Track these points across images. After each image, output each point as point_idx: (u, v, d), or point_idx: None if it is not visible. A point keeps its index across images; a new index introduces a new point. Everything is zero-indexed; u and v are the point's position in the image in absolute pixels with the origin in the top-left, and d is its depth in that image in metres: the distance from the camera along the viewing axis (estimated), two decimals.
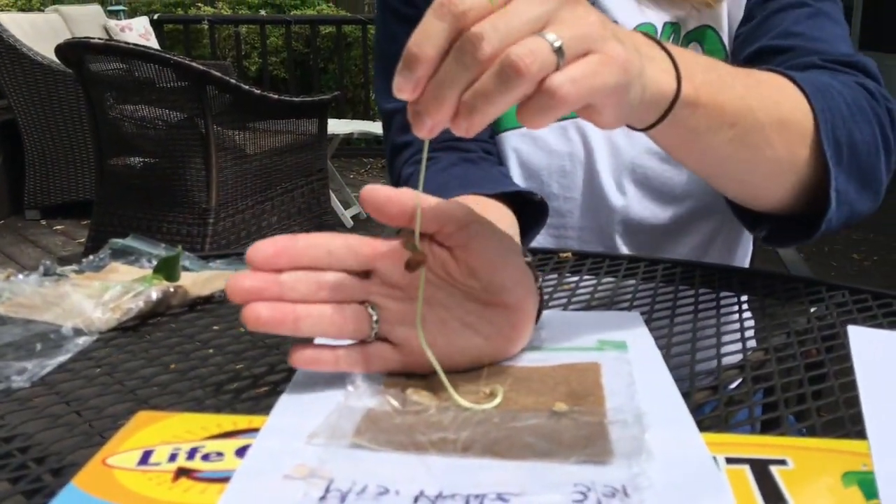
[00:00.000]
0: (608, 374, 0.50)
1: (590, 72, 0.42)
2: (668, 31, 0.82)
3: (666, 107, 0.52)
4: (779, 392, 0.51)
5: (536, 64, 0.40)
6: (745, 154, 0.60)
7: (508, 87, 0.40)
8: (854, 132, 0.65)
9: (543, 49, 0.41)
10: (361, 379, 0.48)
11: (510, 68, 0.40)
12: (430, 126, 0.42)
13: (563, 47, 0.41)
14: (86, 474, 0.41)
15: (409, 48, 0.41)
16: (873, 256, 3.80)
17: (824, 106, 0.63)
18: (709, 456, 0.42)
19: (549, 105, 0.41)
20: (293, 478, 0.39)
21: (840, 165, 0.63)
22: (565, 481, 0.38)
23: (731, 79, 0.57)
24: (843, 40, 0.76)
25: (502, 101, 0.41)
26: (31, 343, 0.56)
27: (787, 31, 0.76)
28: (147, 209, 2.97)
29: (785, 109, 0.61)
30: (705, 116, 0.55)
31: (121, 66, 2.83)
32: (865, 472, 0.41)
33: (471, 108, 0.41)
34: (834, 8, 0.79)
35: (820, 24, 0.76)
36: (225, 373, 0.54)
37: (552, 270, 0.77)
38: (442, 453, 0.41)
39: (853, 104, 0.66)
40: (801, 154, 0.63)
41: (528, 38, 0.41)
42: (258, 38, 5.82)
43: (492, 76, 0.40)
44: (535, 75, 0.40)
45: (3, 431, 0.47)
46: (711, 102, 0.54)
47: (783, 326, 0.64)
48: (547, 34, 0.41)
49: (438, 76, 0.41)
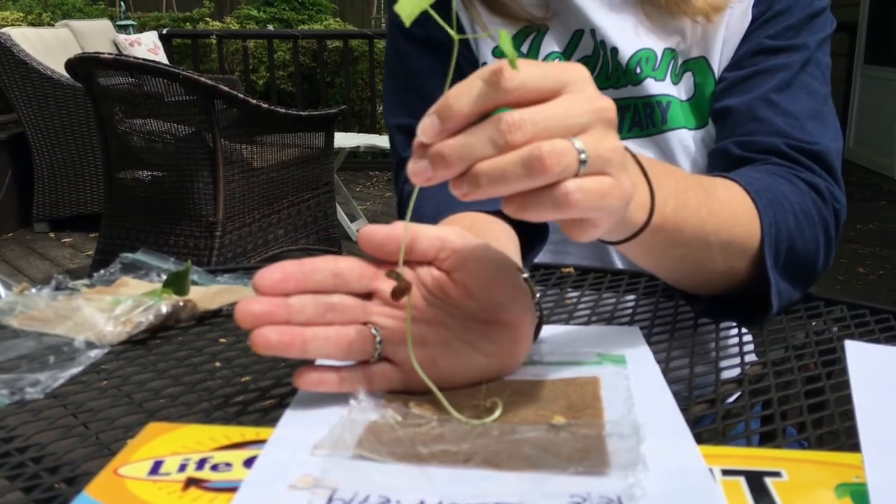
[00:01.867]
0: (607, 388, 0.51)
1: (602, 191, 0.44)
2: (668, 57, 0.84)
3: (633, 233, 0.55)
4: (776, 405, 0.52)
5: (561, 166, 0.42)
6: (687, 267, 0.65)
7: (527, 176, 0.41)
8: (797, 241, 0.69)
9: (571, 155, 0.42)
10: (365, 393, 0.50)
11: (537, 161, 0.41)
12: (429, 178, 0.43)
13: (587, 160, 0.43)
14: (98, 483, 0.42)
15: (448, 98, 0.42)
16: (879, 270, 3.79)
17: (772, 220, 0.67)
18: (705, 467, 0.43)
19: (556, 204, 0.43)
20: (298, 488, 0.40)
21: (778, 270, 0.68)
22: (563, 491, 0.39)
23: (697, 205, 0.61)
24: (813, 116, 0.79)
25: (515, 186, 0.42)
26: (44, 355, 0.57)
27: (765, 97, 0.79)
28: (155, 222, 2.99)
29: (736, 231, 0.65)
30: (663, 239, 0.58)
31: (130, 81, 2.86)
32: (858, 484, 0.42)
33: (482, 179, 0.42)
34: (815, 72, 0.81)
35: (795, 96, 0.79)
36: (233, 385, 0.55)
37: (554, 285, 0.78)
38: (443, 464, 0.42)
39: (801, 214, 0.71)
40: (739, 267, 0.67)
41: (559, 140, 0.42)
42: (266, 53, 5.86)
43: (515, 160, 0.41)
44: (556, 176, 0.42)
45: (16, 442, 0.48)
46: (673, 229, 0.58)
47: (781, 341, 0.65)
48: (576, 142, 0.43)
49: (461, 139, 0.42)
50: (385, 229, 0.49)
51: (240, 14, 7.17)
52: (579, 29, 0.85)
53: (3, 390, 0.53)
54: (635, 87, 0.84)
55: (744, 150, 0.78)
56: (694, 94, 0.84)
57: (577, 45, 0.85)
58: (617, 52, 0.83)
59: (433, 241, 0.50)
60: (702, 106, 0.84)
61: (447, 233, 0.50)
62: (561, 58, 0.85)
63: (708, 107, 0.84)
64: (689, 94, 0.85)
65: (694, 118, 0.85)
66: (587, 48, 0.85)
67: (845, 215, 0.77)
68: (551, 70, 0.44)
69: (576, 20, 0.85)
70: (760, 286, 0.68)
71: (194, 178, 2.89)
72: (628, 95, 0.84)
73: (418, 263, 0.50)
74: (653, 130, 0.84)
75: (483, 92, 0.42)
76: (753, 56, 0.82)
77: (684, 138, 0.84)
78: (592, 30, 0.84)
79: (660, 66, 0.83)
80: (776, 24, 0.81)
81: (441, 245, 0.50)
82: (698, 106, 0.85)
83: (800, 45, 0.80)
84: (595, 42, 0.84)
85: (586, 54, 0.85)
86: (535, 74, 0.43)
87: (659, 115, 0.84)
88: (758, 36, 0.82)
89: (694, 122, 0.85)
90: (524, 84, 0.43)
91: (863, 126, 6.11)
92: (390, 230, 0.49)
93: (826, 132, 0.79)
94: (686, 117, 0.84)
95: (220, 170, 2.85)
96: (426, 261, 0.50)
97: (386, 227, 0.49)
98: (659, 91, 0.83)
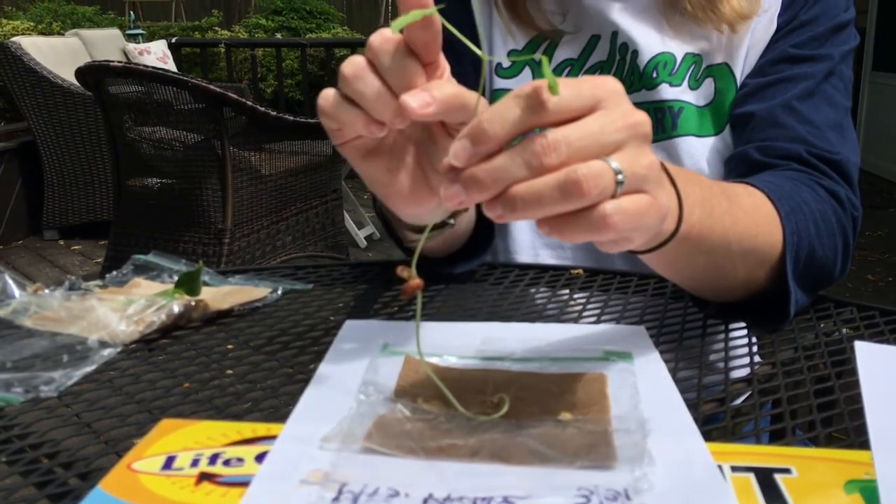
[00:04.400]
0: (613, 385, 0.51)
1: (640, 211, 0.44)
2: (688, 62, 0.84)
3: (661, 242, 0.54)
4: (785, 404, 0.52)
5: (598, 189, 0.41)
6: (708, 275, 0.64)
7: (564, 200, 0.41)
8: (817, 249, 0.69)
9: (608, 177, 0.42)
10: (373, 389, 0.50)
11: (574, 185, 0.41)
12: (462, 201, 0.43)
13: (624, 180, 0.42)
14: (112, 478, 0.42)
15: (482, 122, 0.42)
16: (888, 277, 3.78)
17: (794, 228, 0.67)
18: (712, 461, 0.43)
19: (595, 227, 0.42)
20: (309, 483, 0.41)
21: (797, 281, 0.67)
22: (569, 485, 0.39)
23: (721, 213, 0.60)
24: (834, 127, 0.79)
25: (552, 209, 0.42)
26: (57, 354, 0.58)
27: (787, 104, 0.79)
28: (164, 229, 3.00)
29: (759, 241, 0.65)
30: (688, 248, 0.58)
31: (139, 89, 2.88)
32: (868, 481, 0.42)
33: (517, 203, 0.41)
34: (838, 83, 0.82)
35: (817, 105, 0.80)
36: (243, 383, 0.56)
37: (563, 286, 0.78)
38: (450, 458, 0.42)
39: (822, 221, 0.71)
40: (759, 275, 0.67)
41: (595, 161, 0.42)
42: (274, 61, 5.89)
43: (552, 184, 0.41)
44: (593, 199, 0.41)
45: (31, 438, 0.48)
46: (698, 238, 0.58)
47: (791, 342, 0.65)
48: (612, 162, 0.42)
49: (496, 163, 0.42)
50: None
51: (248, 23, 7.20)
52: (595, 34, 0.85)
53: (17, 388, 0.53)
54: (649, 92, 0.84)
55: (764, 156, 0.78)
56: (713, 100, 0.85)
57: (593, 50, 0.85)
58: (637, 55, 0.83)
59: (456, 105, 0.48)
60: (720, 112, 0.85)
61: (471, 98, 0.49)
62: (575, 64, 0.86)
63: (727, 113, 0.84)
64: (709, 99, 0.85)
65: (711, 124, 0.85)
66: (602, 53, 0.85)
67: (861, 223, 0.77)
68: (585, 87, 0.43)
69: (593, 25, 0.85)
70: (778, 294, 0.68)
71: (203, 186, 2.90)
72: (641, 100, 0.84)
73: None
74: (661, 136, 0.84)
75: (518, 117, 0.42)
76: (777, 64, 0.82)
77: (692, 144, 0.84)
78: (614, 32, 0.84)
79: (677, 72, 0.84)
80: (801, 33, 0.81)
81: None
82: (717, 112, 0.85)
83: (824, 56, 0.81)
84: (613, 46, 0.85)
85: (601, 59, 0.85)
86: (570, 94, 0.42)
87: (669, 121, 0.84)
88: (782, 44, 0.82)
89: (710, 129, 0.85)
90: (560, 107, 0.42)
91: (871, 132, 6.09)
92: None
93: (845, 144, 0.79)
94: (700, 123, 0.85)
95: (229, 177, 2.86)
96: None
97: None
98: (672, 96, 0.83)
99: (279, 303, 0.73)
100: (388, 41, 0.47)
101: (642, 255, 0.58)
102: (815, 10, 0.81)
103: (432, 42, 0.47)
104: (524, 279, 0.80)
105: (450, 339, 0.61)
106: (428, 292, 0.75)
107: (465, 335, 0.62)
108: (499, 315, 0.70)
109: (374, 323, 0.67)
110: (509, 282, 0.80)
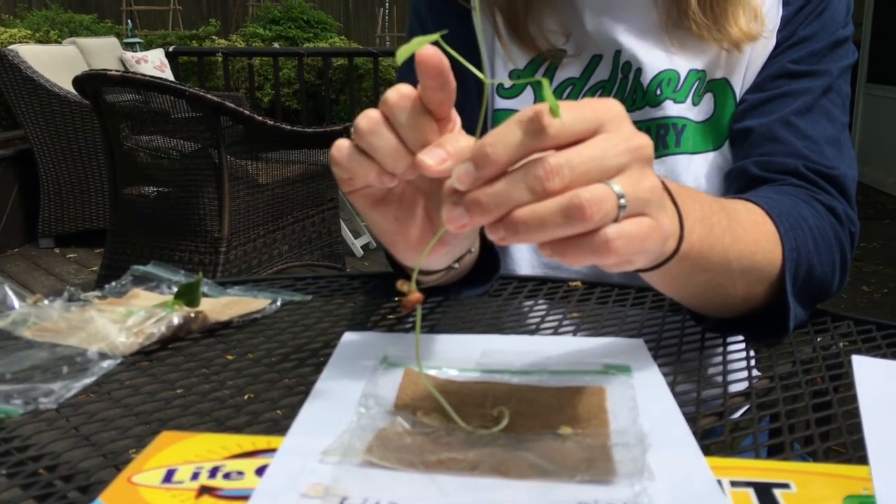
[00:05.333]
0: (612, 399, 0.51)
1: (642, 234, 0.44)
2: (692, 78, 0.84)
3: (662, 261, 0.55)
4: (783, 419, 0.53)
5: (601, 214, 0.41)
6: (708, 292, 0.64)
7: (567, 224, 0.41)
8: (815, 265, 0.70)
9: (610, 201, 0.42)
10: (373, 402, 0.50)
11: (576, 210, 0.41)
12: (465, 224, 0.43)
13: (626, 204, 0.43)
14: (112, 491, 0.42)
15: (484, 146, 0.42)
16: (883, 289, 3.79)
17: (793, 244, 0.67)
18: (711, 476, 0.43)
19: (597, 251, 0.42)
20: (310, 497, 0.41)
21: (796, 296, 0.68)
22: (569, 499, 0.40)
23: (721, 231, 0.60)
24: (832, 142, 0.80)
25: (554, 233, 0.42)
26: (57, 366, 0.58)
27: (786, 119, 0.80)
28: (160, 238, 3.00)
29: (758, 258, 0.65)
30: (689, 266, 0.58)
31: (136, 98, 2.88)
32: (866, 496, 0.42)
33: (520, 227, 0.42)
34: (836, 99, 0.82)
35: (815, 120, 0.80)
36: (243, 395, 0.56)
37: (561, 299, 0.78)
38: (450, 472, 0.42)
39: (820, 237, 0.71)
40: (758, 292, 0.67)
41: (598, 185, 0.42)
42: (271, 70, 5.90)
43: (555, 209, 0.41)
44: (596, 223, 0.42)
45: (31, 451, 0.48)
46: (698, 256, 0.58)
47: (788, 356, 0.65)
48: (614, 185, 0.42)
49: (499, 187, 0.42)
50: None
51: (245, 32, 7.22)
52: (597, 54, 0.85)
53: (17, 400, 0.53)
54: (653, 109, 0.84)
55: (762, 171, 0.78)
56: (713, 115, 0.85)
57: (595, 69, 0.86)
58: (641, 72, 0.84)
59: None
60: (720, 127, 0.85)
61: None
62: (577, 83, 0.86)
63: (726, 128, 0.85)
64: (708, 114, 0.85)
65: (710, 139, 0.85)
66: (604, 72, 0.86)
67: (858, 238, 0.78)
68: (587, 111, 0.44)
69: (595, 45, 0.85)
70: (777, 309, 0.68)
71: (200, 194, 2.90)
72: (645, 117, 0.84)
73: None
74: (664, 152, 0.84)
75: (521, 141, 0.42)
76: (776, 79, 0.82)
77: (692, 160, 0.84)
78: (617, 51, 0.84)
79: (681, 88, 0.84)
80: (800, 49, 0.82)
81: None
82: (716, 127, 0.85)
83: (822, 72, 0.81)
84: (616, 65, 0.85)
85: (602, 79, 0.86)
86: (572, 118, 0.43)
87: (673, 138, 0.84)
88: (781, 60, 0.82)
89: (709, 144, 0.85)
90: (562, 131, 0.42)
91: (866, 144, 6.12)
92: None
93: (843, 159, 0.80)
94: (700, 139, 0.85)
95: (226, 186, 2.86)
96: None
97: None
98: (676, 113, 0.84)
99: (278, 314, 0.73)
100: (405, 98, 0.48)
101: (642, 273, 0.58)
102: (814, 27, 0.82)
103: (447, 101, 0.48)
104: (523, 291, 0.81)
105: (449, 352, 0.61)
106: (427, 304, 0.76)
107: (465, 347, 0.62)
108: (498, 327, 0.70)
109: (374, 335, 0.67)
110: (508, 293, 0.80)
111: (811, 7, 0.82)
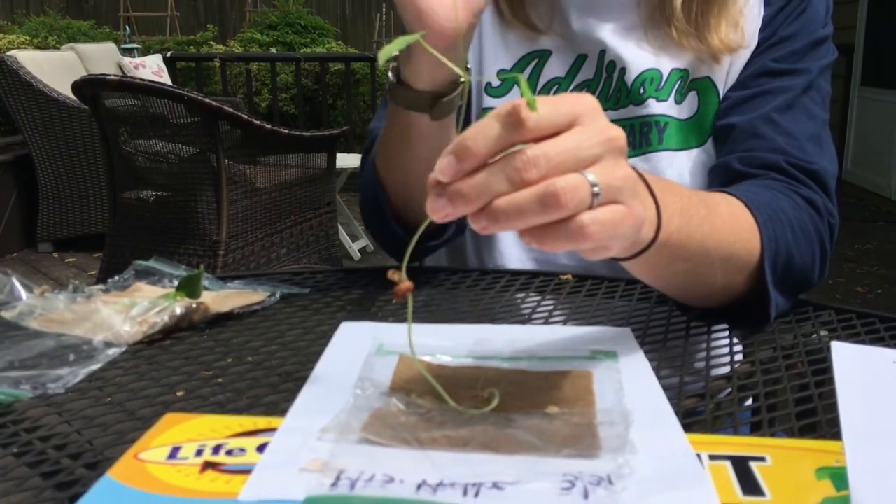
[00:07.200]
0: (599, 381, 0.54)
1: (616, 220, 0.46)
2: (674, 77, 0.87)
3: (640, 250, 0.57)
4: (762, 399, 0.55)
5: (575, 201, 0.44)
6: (688, 282, 0.67)
7: (543, 212, 0.44)
8: (794, 256, 0.72)
9: (584, 189, 0.45)
10: (369, 384, 0.52)
11: (552, 198, 0.44)
12: (448, 214, 0.45)
13: (600, 192, 0.45)
14: (120, 467, 0.44)
15: (465, 140, 0.44)
16: (877, 290, 3.81)
17: (772, 235, 0.70)
18: (691, 450, 0.45)
19: (573, 236, 0.45)
20: (308, 471, 0.43)
21: (776, 286, 0.70)
22: (555, 471, 0.42)
23: (699, 220, 0.63)
24: (812, 138, 0.83)
25: (532, 221, 0.45)
26: (64, 354, 0.60)
27: (767, 116, 0.83)
28: (159, 241, 3.02)
29: (736, 248, 0.68)
30: (668, 255, 0.60)
31: (135, 102, 2.90)
32: (838, 468, 0.45)
33: (500, 215, 0.44)
34: (816, 97, 0.85)
35: (796, 117, 0.83)
36: (244, 380, 0.58)
37: (552, 292, 0.81)
38: (443, 448, 0.44)
39: (799, 229, 0.74)
40: (738, 281, 0.70)
41: (572, 175, 0.45)
42: (269, 75, 5.93)
43: (532, 197, 0.44)
44: (571, 210, 0.44)
45: (40, 432, 0.50)
46: (677, 245, 0.60)
47: (770, 342, 0.67)
48: (589, 175, 0.45)
49: (479, 178, 0.44)
50: None
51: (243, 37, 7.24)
52: (582, 53, 0.88)
53: (25, 385, 0.55)
54: (637, 107, 0.86)
55: (745, 166, 0.81)
56: (697, 112, 0.87)
57: (580, 69, 0.88)
58: (625, 72, 0.86)
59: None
60: (703, 124, 0.87)
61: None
62: (562, 82, 0.88)
63: (710, 125, 0.87)
64: (692, 112, 0.88)
65: (693, 137, 0.88)
66: (589, 72, 0.88)
67: (838, 230, 0.80)
68: (563, 105, 0.46)
69: (580, 44, 0.87)
70: (758, 299, 0.70)
71: (198, 198, 2.92)
72: (630, 115, 0.87)
73: None
74: (647, 149, 0.87)
75: (499, 134, 0.44)
76: (757, 77, 0.85)
77: (676, 157, 0.87)
78: (602, 51, 0.87)
79: (664, 87, 0.86)
80: (781, 48, 0.84)
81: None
82: (699, 124, 0.87)
83: (802, 70, 0.84)
84: (600, 65, 0.87)
85: (587, 78, 0.88)
86: (548, 112, 0.45)
87: (656, 135, 0.86)
88: (763, 59, 0.85)
89: (693, 141, 0.88)
90: (539, 124, 0.45)
91: (860, 147, 6.15)
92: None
93: (823, 155, 0.82)
94: (683, 137, 0.87)
95: (224, 190, 2.87)
96: None
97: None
98: (659, 111, 0.86)
99: (277, 306, 0.75)
100: None
101: (624, 263, 0.60)
102: (795, 27, 0.84)
103: None
104: (515, 284, 0.83)
105: (442, 341, 0.63)
106: (420, 297, 0.78)
107: (458, 336, 0.64)
108: (490, 318, 0.72)
109: (370, 324, 0.69)
110: (500, 286, 0.82)
111: (792, 7, 0.84)
